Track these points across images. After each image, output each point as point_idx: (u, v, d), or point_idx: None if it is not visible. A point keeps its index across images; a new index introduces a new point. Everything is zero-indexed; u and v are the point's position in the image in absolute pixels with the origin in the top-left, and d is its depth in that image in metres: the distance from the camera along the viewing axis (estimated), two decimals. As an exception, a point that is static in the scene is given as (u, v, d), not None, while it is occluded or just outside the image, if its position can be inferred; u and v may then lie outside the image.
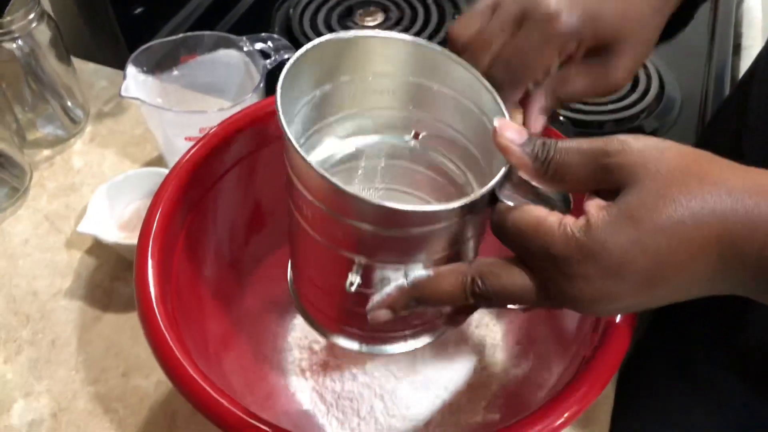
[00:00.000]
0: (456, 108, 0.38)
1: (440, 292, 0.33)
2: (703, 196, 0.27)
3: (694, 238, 0.28)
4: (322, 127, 0.39)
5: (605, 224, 0.28)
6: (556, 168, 0.30)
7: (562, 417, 0.34)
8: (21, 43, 0.61)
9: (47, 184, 0.66)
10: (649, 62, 0.77)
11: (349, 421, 0.47)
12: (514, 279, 0.31)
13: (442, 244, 0.33)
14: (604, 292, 0.29)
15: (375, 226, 0.31)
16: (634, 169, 0.28)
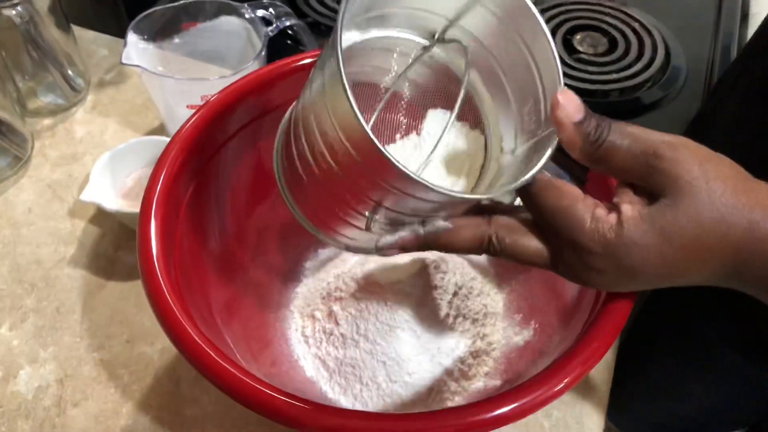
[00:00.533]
0: (502, 35, 0.35)
1: (456, 244, 0.33)
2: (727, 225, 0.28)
3: (709, 258, 0.29)
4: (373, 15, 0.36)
5: (636, 229, 0.29)
6: (604, 152, 0.30)
7: (561, 383, 0.34)
8: (20, 10, 0.60)
9: (49, 152, 0.66)
10: (655, 30, 0.76)
11: (351, 387, 0.48)
12: (530, 245, 0.32)
13: (468, 209, 0.33)
14: (612, 284, 0.31)
15: (403, 192, 0.30)
16: (677, 181, 0.29)
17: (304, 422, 0.34)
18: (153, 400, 0.50)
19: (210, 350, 0.35)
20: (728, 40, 0.76)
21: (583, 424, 0.49)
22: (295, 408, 0.34)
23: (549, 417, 0.49)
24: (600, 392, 0.51)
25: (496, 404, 0.34)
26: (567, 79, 0.70)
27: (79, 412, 0.49)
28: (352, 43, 0.37)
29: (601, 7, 0.79)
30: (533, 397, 0.34)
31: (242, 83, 0.45)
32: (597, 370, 0.52)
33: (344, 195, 0.34)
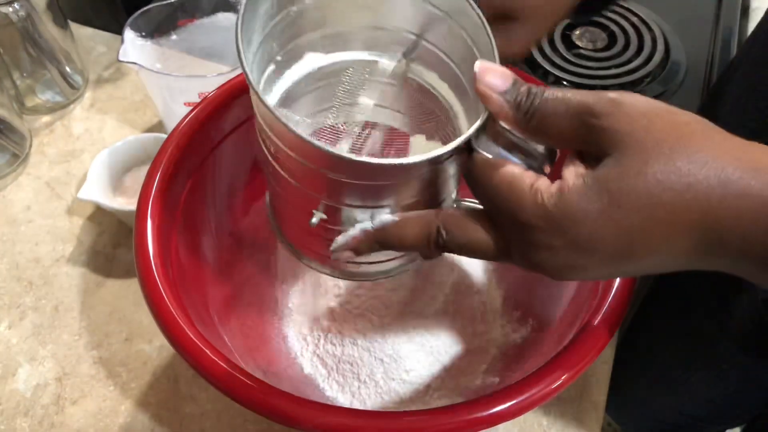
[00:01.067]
0: (448, 33, 0.35)
1: (404, 239, 0.32)
2: (688, 177, 0.25)
3: (671, 221, 0.26)
4: (304, 42, 0.37)
5: (578, 195, 0.26)
6: (539, 120, 0.28)
7: (559, 379, 0.34)
8: (17, 7, 0.60)
9: (47, 150, 0.66)
10: (654, 25, 0.76)
11: (349, 384, 0.48)
12: (479, 235, 0.30)
13: (412, 191, 0.32)
14: (568, 263, 0.28)
15: (338, 174, 0.30)
16: (619, 135, 0.26)
17: (300, 421, 0.34)
18: (151, 398, 0.50)
19: (206, 349, 0.35)
20: (728, 34, 0.76)
21: (582, 421, 0.49)
22: (291, 406, 0.34)
23: (547, 414, 0.49)
24: (599, 389, 0.51)
25: (494, 402, 0.34)
26: (566, 74, 0.70)
27: (77, 410, 0.49)
28: (318, 66, 0.38)
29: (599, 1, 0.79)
30: (531, 394, 0.34)
31: (238, 81, 0.45)
32: (595, 366, 0.52)
33: (296, 200, 0.35)
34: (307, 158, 0.30)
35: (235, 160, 0.48)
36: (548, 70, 0.71)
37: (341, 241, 0.34)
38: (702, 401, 0.69)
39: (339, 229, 0.34)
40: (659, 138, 0.26)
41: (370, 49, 0.39)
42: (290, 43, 0.37)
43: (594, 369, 0.52)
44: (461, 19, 0.34)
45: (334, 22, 0.37)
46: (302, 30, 0.36)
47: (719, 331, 0.58)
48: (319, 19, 0.36)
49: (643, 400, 0.76)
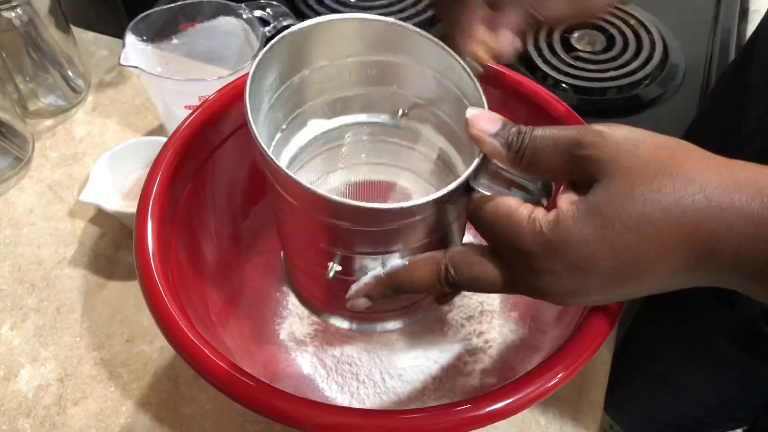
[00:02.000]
0: (438, 87, 0.38)
1: (415, 281, 0.33)
2: (674, 194, 0.27)
3: (663, 236, 0.27)
4: (306, 109, 0.40)
5: (573, 220, 0.28)
6: (530, 157, 0.30)
7: (555, 377, 0.34)
8: (20, 12, 0.61)
9: (50, 153, 0.66)
10: (652, 28, 0.76)
11: (348, 385, 0.48)
12: (485, 269, 0.31)
13: (418, 234, 0.33)
14: (570, 287, 0.29)
15: (348, 223, 0.32)
16: (605, 162, 0.28)
17: (300, 420, 0.34)
18: (152, 399, 0.50)
19: (206, 349, 0.36)
20: (726, 36, 0.76)
21: (580, 421, 0.49)
22: (290, 406, 0.34)
23: (545, 413, 0.49)
24: (596, 389, 0.51)
25: (491, 400, 0.34)
26: (565, 76, 0.70)
27: (79, 411, 0.50)
28: (321, 131, 0.41)
29: (599, 4, 0.79)
30: (527, 393, 0.34)
31: (237, 84, 0.45)
32: (593, 366, 0.52)
33: (312, 256, 0.37)
34: (318, 210, 0.32)
35: (235, 163, 0.49)
36: (547, 72, 0.71)
37: (355, 288, 0.35)
38: (701, 402, 0.69)
39: (353, 280, 0.36)
40: (644, 161, 0.27)
41: (368, 111, 0.41)
42: (294, 111, 0.39)
43: (592, 369, 0.52)
44: (449, 73, 0.36)
45: (332, 90, 0.39)
46: (304, 99, 0.39)
47: (718, 332, 0.58)
48: (318, 88, 0.39)
49: (643, 402, 0.77)
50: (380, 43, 0.37)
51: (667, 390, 0.71)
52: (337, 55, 0.38)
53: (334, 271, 0.35)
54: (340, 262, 0.35)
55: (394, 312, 0.41)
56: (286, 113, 0.39)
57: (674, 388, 0.70)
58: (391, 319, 0.42)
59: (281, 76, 0.36)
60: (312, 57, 0.37)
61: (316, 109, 0.40)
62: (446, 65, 0.36)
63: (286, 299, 0.53)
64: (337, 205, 0.30)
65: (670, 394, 0.72)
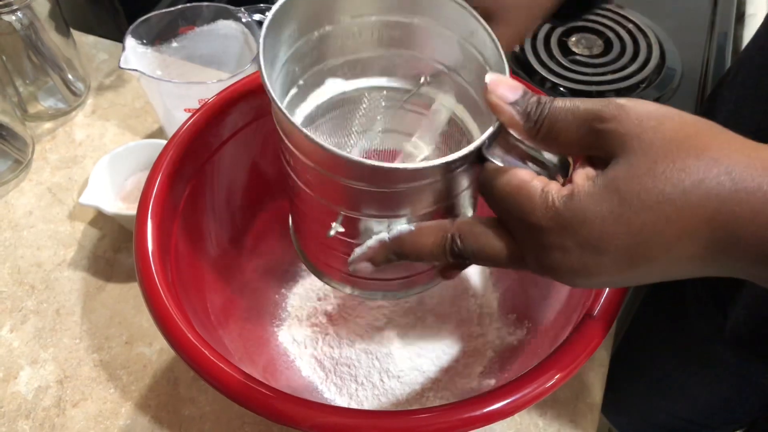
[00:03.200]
0: (462, 53, 0.36)
1: (420, 248, 0.32)
2: (698, 174, 0.25)
3: (682, 218, 0.26)
4: (325, 68, 0.39)
5: (588, 195, 0.27)
6: (548, 128, 0.29)
7: (553, 378, 0.35)
8: (20, 15, 0.61)
9: (49, 156, 0.66)
10: (650, 32, 0.76)
11: (347, 386, 0.48)
12: (492, 241, 0.30)
13: (427, 200, 0.32)
14: (580, 265, 0.28)
15: (358, 182, 0.31)
16: (627, 138, 0.26)
17: (299, 421, 0.34)
18: (151, 400, 0.51)
19: (206, 351, 0.36)
20: (723, 41, 0.77)
21: (578, 422, 0.49)
22: (289, 406, 0.34)
23: (543, 415, 0.49)
24: (594, 391, 0.51)
25: (489, 401, 0.34)
26: (563, 80, 0.71)
27: (78, 412, 0.50)
28: (339, 92, 0.40)
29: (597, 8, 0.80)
30: (525, 394, 0.34)
31: (237, 87, 0.46)
32: (591, 368, 0.52)
33: (315, 213, 0.36)
34: (325, 166, 0.31)
35: (234, 165, 0.49)
36: (545, 76, 0.71)
37: (358, 252, 0.34)
38: (699, 405, 0.69)
39: (357, 243, 0.35)
40: (667, 138, 0.26)
41: (388, 75, 0.40)
42: (312, 68, 0.38)
43: (590, 371, 0.52)
44: (473, 39, 0.35)
45: (353, 49, 0.38)
46: (323, 56, 0.38)
47: (715, 334, 0.58)
48: (339, 46, 0.38)
49: (641, 405, 0.77)
50: (406, 3, 0.36)
51: (665, 393, 0.71)
52: (361, 12, 0.36)
53: (335, 230, 0.34)
54: (343, 223, 0.34)
55: (396, 281, 0.40)
56: (304, 68, 0.37)
57: (671, 390, 0.70)
58: (393, 288, 0.40)
59: (301, 27, 0.35)
60: (334, 11, 0.36)
61: (335, 69, 0.39)
62: (471, 30, 0.35)
63: (286, 301, 0.53)
64: (346, 161, 0.29)
65: (668, 397, 0.72)
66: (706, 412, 0.70)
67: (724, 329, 0.56)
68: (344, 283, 0.40)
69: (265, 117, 0.48)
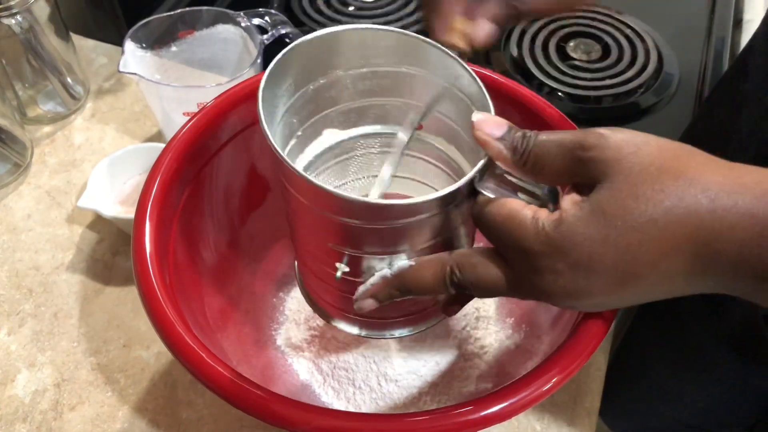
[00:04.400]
0: (449, 97, 0.38)
1: (421, 281, 0.33)
2: (677, 194, 0.27)
3: (665, 236, 0.27)
4: (321, 118, 0.40)
5: (576, 219, 0.28)
6: (534, 160, 0.30)
7: (550, 382, 0.35)
8: (20, 19, 0.61)
9: (48, 160, 0.66)
10: (647, 37, 0.77)
11: (344, 390, 0.48)
12: (489, 270, 0.32)
13: (425, 235, 0.34)
14: (573, 287, 0.29)
15: (356, 220, 0.32)
16: (608, 164, 0.28)
17: (296, 423, 0.34)
18: (149, 404, 0.51)
19: (203, 354, 0.36)
20: (720, 46, 0.77)
21: (575, 426, 0.49)
22: (287, 409, 0.34)
23: (541, 420, 0.49)
24: (592, 395, 0.51)
25: (487, 403, 0.34)
26: (561, 85, 0.71)
27: (75, 416, 0.50)
28: (336, 141, 0.42)
29: (595, 14, 0.80)
30: (522, 397, 0.34)
31: (235, 91, 0.46)
32: (588, 373, 0.52)
33: (321, 257, 0.37)
34: (328, 208, 0.33)
35: (233, 169, 0.49)
36: (543, 81, 0.72)
37: (362, 289, 0.36)
38: (697, 409, 0.69)
39: (360, 282, 0.36)
40: (647, 162, 0.28)
41: (382, 123, 0.42)
42: (309, 119, 0.40)
43: (587, 376, 0.52)
44: (458, 83, 0.37)
45: (346, 99, 0.40)
46: (319, 107, 0.40)
47: (712, 338, 0.58)
48: (333, 97, 0.40)
49: (639, 409, 0.77)
50: (393, 54, 0.37)
51: (663, 397, 0.71)
52: (352, 65, 0.38)
53: (342, 271, 0.35)
54: (348, 263, 0.35)
55: (401, 320, 0.42)
56: (301, 119, 0.39)
57: (669, 395, 0.70)
58: (398, 326, 0.42)
59: (296, 82, 0.37)
60: (327, 66, 0.38)
61: (331, 119, 0.41)
62: (456, 75, 0.36)
63: (283, 305, 0.53)
64: (345, 201, 0.31)
65: (666, 402, 0.72)
66: (704, 416, 0.70)
67: (721, 333, 0.56)
68: (352, 324, 0.42)
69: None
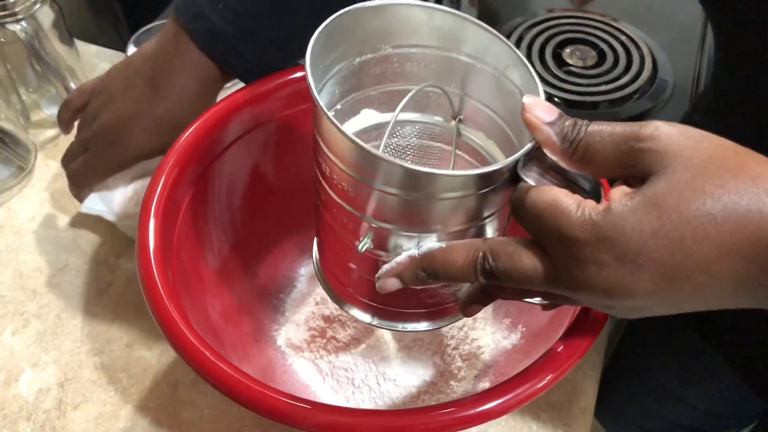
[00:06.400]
0: (497, 87, 0.37)
1: (450, 265, 0.32)
2: (738, 192, 0.25)
3: (723, 235, 0.26)
4: (361, 96, 0.39)
5: (626, 209, 0.27)
6: (585, 149, 0.29)
7: (544, 380, 0.36)
8: (25, 25, 0.62)
9: (51, 163, 0.67)
10: (642, 44, 0.78)
11: (343, 390, 0.49)
12: (526, 260, 0.30)
13: (458, 217, 0.32)
14: (617, 281, 0.27)
15: (391, 188, 0.31)
16: (665, 156, 0.27)
17: (299, 419, 0.35)
18: (151, 403, 0.51)
19: (206, 351, 0.37)
20: (714, 53, 0.78)
21: (570, 426, 0.50)
22: (289, 406, 0.35)
23: (537, 419, 0.50)
24: (587, 395, 0.52)
25: (482, 401, 0.35)
26: (558, 90, 0.72)
27: (79, 415, 0.51)
28: (372, 123, 0.40)
29: (590, 21, 0.81)
30: (516, 394, 0.35)
31: (237, 96, 0.47)
32: (584, 373, 0.53)
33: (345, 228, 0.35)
34: (361, 171, 0.31)
35: (235, 172, 0.50)
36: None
37: (387, 267, 0.34)
38: (695, 413, 0.69)
39: (385, 260, 0.34)
40: (705, 156, 0.26)
41: (422, 111, 0.41)
42: (350, 94, 0.39)
43: (583, 375, 0.53)
44: (510, 72, 0.35)
45: (390, 80, 0.39)
46: (361, 84, 0.39)
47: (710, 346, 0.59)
48: (377, 75, 0.38)
49: (637, 411, 0.77)
50: (445, 37, 0.36)
51: (661, 400, 0.72)
52: (402, 42, 0.37)
53: (366, 245, 0.34)
54: (374, 238, 0.33)
55: (416, 312, 0.40)
56: (342, 93, 0.38)
57: (667, 398, 0.71)
58: (412, 320, 0.40)
59: (344, 51, 0.36)
60: (376, 40, 0.37)
61: (371, 99, 0.39)
62: (508, 63, 0.35)
63: (284, 306, 0.54)
64: (383, 161, 0.29)
65: (663, 404, 0.72)
66: (702, 420, 0.70)
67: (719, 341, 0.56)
68: (365, 311, 0.41)
69: (265, 125, 0.49)
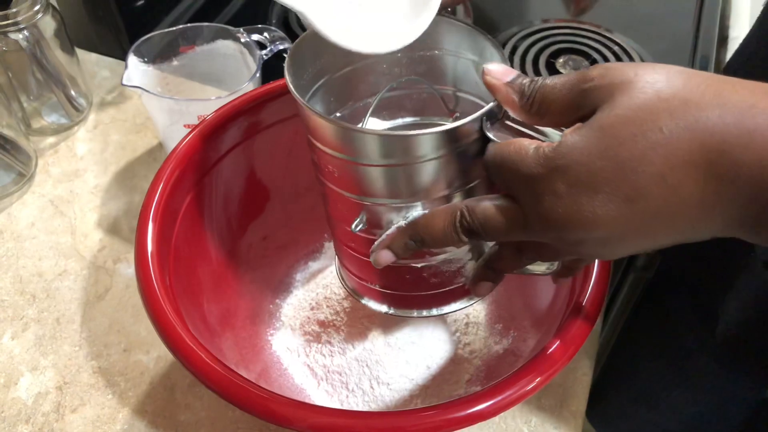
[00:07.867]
0: (478, 76, 0.38)
1: (433, 228, 0.34)
2: (682, 100, 0.26)
3: (672, 147, 0.25)
4: (361, 106, 0.42)
5: (574, 138, 0.28)
6: (541, 101, 0.30)
7: (533, 382, 0.36)
8: (27, 34, 0.63)
9: (52, 170, 0.68)
10: (634, 54, 0.79)
11: (338, 393, 0.50)
12: (498, 210, 0.32)
13: (439, 183, 0.35)
14: (576, 208, 0.28)
15: (368, 160, 0.33)
16: (612, 88, 0.27)
17: (294, 421, 0.36)
18: (148, 406, 0.52)
19: (203, 354, 0.37)
20: (705, 63, 0.79)
21: (561, 429, 0.51)
22: (284, 407, 0.36)
23: (528, 422, 0.51)
24: (578, 398, 0.53)
25: (473, 402, 0.36)
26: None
27: (76, 418, 0.51)
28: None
29: (584, 31, 0.83)
30: (506, 396, 0.36)
31: (235, 103, 0.48)
32: (575, 377, 0.54)
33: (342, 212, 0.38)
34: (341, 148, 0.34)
35: (232, 178, 0.51)
36: (533, 95, 0.74)
37: (378, 241, 0.37)
38: (684, 417, 0.70)
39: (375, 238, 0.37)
40: (649, 79, 0.27)
41: (421, 115, 0.43)
42: (347, 102, 0.42)
43: (574, 380, 0.54)
44: (483, 57, 0.38)
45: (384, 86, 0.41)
46: (358, 93, 0.41)
47: (700, 347, 0.60)
48: (372, 83, 0.41)
49: (627, 415, 0.78)
50: (426, 37, 0.38)
51: (651, 404, 0.73)
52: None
53: (360, 226, 0.36)
54: (367, 218, 0.36)
55: (427, 296, 0.42)
56: (339, 100, 0.41)
57: (657, 402, 0.71)
58: (426, 305, 0.43)
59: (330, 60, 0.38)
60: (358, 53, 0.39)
61: (368, 108, 0.42)
62: (481, 48, 0.37)
63: (280, 311, 0.55)
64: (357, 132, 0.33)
65: (653, 409, 0.73)
66: (691, 425, 0.71)
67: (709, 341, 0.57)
68: (380, 301, 0.43)
69: (261, 133, 0.50)
